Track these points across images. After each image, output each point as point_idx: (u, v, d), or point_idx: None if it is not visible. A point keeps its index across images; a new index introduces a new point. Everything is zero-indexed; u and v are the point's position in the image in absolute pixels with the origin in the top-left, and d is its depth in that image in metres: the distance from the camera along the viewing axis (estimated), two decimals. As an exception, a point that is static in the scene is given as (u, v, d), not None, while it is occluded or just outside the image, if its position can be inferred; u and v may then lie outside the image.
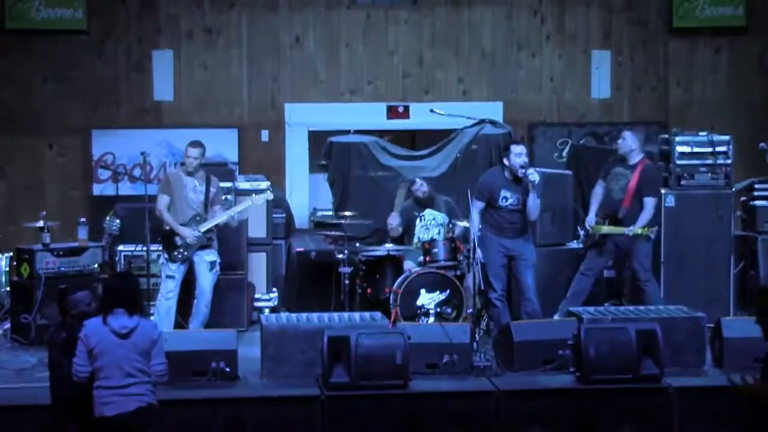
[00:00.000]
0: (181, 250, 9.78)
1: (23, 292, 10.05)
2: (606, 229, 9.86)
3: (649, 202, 9.88)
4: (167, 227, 9.84)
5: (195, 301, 9.90)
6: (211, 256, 9.90)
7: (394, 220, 10.83)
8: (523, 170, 9.55)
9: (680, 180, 10.54)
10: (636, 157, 9.96)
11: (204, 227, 9.81)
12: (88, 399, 6.61)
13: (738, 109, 14.06)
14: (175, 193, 9.88)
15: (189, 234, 9.74)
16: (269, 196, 10.29)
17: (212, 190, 9.96)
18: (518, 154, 9.63)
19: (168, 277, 9.79)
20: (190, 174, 9.90)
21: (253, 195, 10.25)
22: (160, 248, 9.96)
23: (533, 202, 9.61)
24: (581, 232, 10.16)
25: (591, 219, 9.95)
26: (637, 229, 9.73)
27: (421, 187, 10.76)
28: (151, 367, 6.60)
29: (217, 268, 9.93)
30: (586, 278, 10.04)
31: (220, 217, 9.89)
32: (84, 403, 6.64)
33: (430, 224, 10.72)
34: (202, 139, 10.32)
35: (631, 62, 14.13)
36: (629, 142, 9.94)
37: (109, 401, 6.53)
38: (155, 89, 13.69)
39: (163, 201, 9.87)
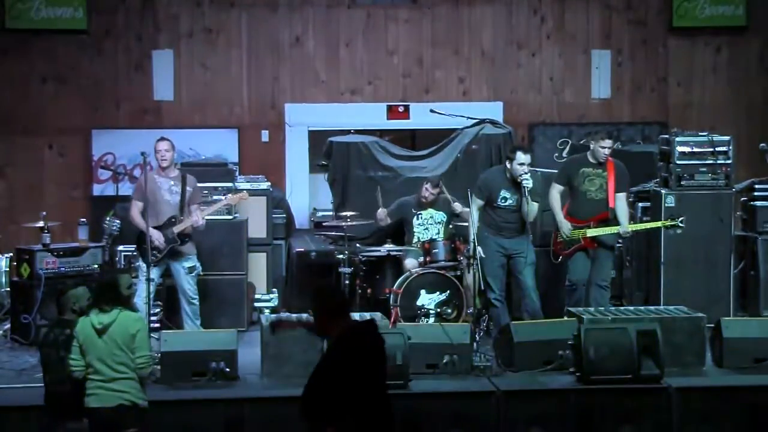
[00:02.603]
0: (155, 252, 9.47)
1: (23, 292, 10.05)
2: (593, 231, 9.74)
3: (624, 198, 9.87)
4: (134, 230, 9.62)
5: (180, 304, 9.72)
6: (188, 262, 9.67)
7: (381, 214, 10.78)
8: (521, 177, 9.59)
9: (680, 180, 10.53)
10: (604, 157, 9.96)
11: (178, 229, 9.56)
12: (82, 398, 6.69)
13: (738, 109, 14.06)
14: (150, 195, 9.60)
15: (157, 237, 9.44)
16: (245, 196, 10.04)
17: (188, 189, 9.71)
18: (521, 163, 9.62)
19: (147, 280, 9.37)
20: (164, 170, 9.63)
21: (228, 195, 10.06)
22: (135, 251, 9.72)
23: (529, 206, 9.62)
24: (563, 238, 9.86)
25: (567, 225, 9.79)
26: (636, 226, 9.74)
27: (429, 194, 10.68)
28: (134, 361, 6.63)
29: (198, 271, 9.72)
30: (578, 290, 9.82)
31: (194, 218, 9.62)
32: (79, 402, 6.70)
33: (428, 223, 10.71)
34: (202, 139, 10.32)
35: (631, 62, 14.13)
36: (612, 149, 9.92)
37: (94, 393, 6.62)
38: (155, 89, 13.69)
39: (135, 207, 9.64)
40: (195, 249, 9.79)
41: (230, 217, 10.65)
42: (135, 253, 9.74)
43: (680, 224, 9.71)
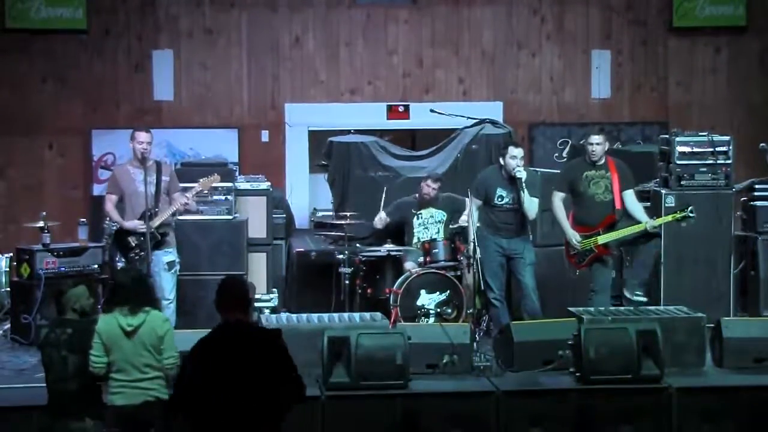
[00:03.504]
0: (137, 250, 9.27)
1: (23, 292, 10.04)
2: (604, 238, 9.53)
3: (633, 194, 9.70)
4: (116, 227, 9.41)
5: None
6: (168, 256, 9.33)
7: (379, 221, 10.82)
8: (514, 170, 9.57)
9: (680, 180, 10.52)
10: (604, 158, 9.73)
11: (156, 222, 9.19)
12: (86, 397, 6.72)
13: (738, 109, 14.07)
14: (125, 189, 9.33)
15: (136, 225, 9.15)
16: (216, 178, 9.68)
17: (164, 179, 9.29)
18: (513, 156, 9.61)
19: None
20: (142, 163, 9.25)
21: (201, 180, 9.55)
22: (117, 252, 9.49)
23: (528, 201, 9.60)
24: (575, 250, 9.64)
25: (575, 234, 9.60)
26: (660, 219, 9.56)
27: (430, 189, 10.67)
28: (161, 362, 6.67)
29: (177, 267, 9.43)
30: (602, 296, 9.61)
31: (172, 207, 9.29)
32: (81, 401, 6.71)
33: (428, 222, 10.71)
34: (202, 139, 10.25)
35: (631, 62, 14.14)
36: (603, 145, 9.66)
37: (119, 391, 6.68)
38: (155, 89, 13.70)
39: (110, 201, 9.38)
40: (174, 241, 9.52)
41: (230, 217, 10.63)
42: (117, 255, 9.48)
43: (690, 214, 9.51)
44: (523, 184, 9.56)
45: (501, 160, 9.75)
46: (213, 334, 5.83)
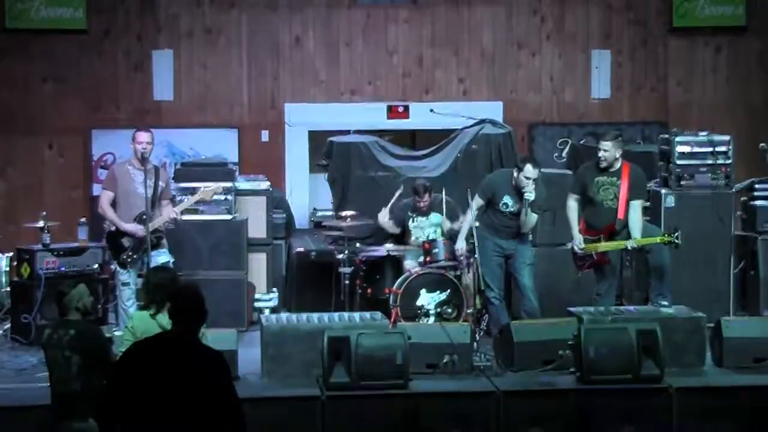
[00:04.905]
0: (130, 253, 9.29)
1: (23, 292, 10.05)
2: (603, 246, 9.45)
3: (638, 206, 9.51)
4: (112, 228, 9.38)
5: None
6: (162, 257, 9.32)
7: (383, 218, 10.82)
8: (524, 189, 9.50)
9: (680, 180, 10.54)
10: (619, 163, 9.55)
11: (152, 226, 9.22)
12: (90, 397, 6.69)
13: (738, 109, 14.06)
14: (121, 188, 9.33)
15: (135, 229, 9.18)
16: (218, 189, 9.83)
17: (161, 184, 9.37)
18: (527, 177, 9.45)
19: (123, 284, 9.30)
20: (142, 163, 9.26)
21: (201, 188, 9.70)
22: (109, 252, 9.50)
23: (527, 217, 9.56)
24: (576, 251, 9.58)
25: (579, 239, 9.55)
26: (641, 240, 9.34)
27: (424, 203, 10.64)
28: None
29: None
30: (606, 300, 9.55)
31: (167, 214, 9.34)
32: (85, 401, 6.71)
33: (424, 224, 10.70)
34: (202, 139, 10.26)
35: (631, 62, 14.13)
36: (613, 152, 9.46)
37: None
38: (155, 89, 13.69)
39: (106, 197, 9.36)
40: (166, 243, 9.52)
41: (230, 217, 10.64)
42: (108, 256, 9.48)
43: (676, 240, 9.24)
44: (527, 203, 9.51)
45: (515, 173, 9.62)
46: (146, 343, 5.50)
